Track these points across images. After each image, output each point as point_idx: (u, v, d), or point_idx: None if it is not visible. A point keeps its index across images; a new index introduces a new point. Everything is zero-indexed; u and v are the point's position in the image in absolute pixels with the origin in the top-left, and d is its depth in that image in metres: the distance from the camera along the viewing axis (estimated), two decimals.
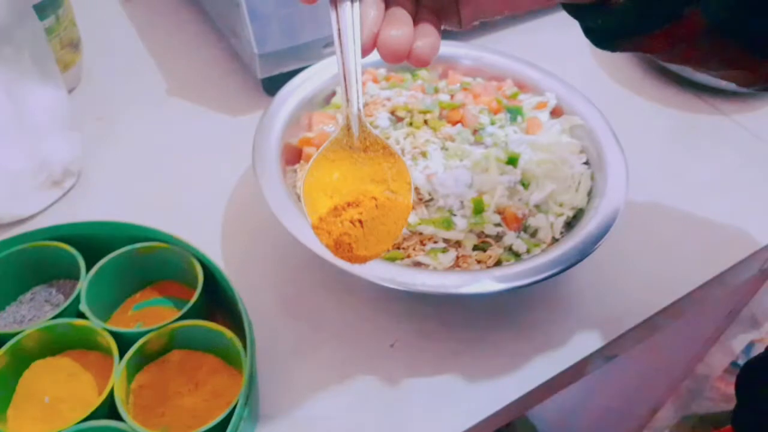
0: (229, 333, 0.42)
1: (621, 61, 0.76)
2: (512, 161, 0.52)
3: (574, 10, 0.35)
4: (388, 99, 0.57)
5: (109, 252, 0.46)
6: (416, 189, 0.50)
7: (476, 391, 0.46)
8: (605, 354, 0.52)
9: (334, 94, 0.59)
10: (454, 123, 0.55)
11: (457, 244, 0.48)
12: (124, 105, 0.66)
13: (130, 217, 0.48)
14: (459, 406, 0.46)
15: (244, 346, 0.41)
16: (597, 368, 0.55)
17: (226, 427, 0.38)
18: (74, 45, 0.67)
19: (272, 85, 0.63)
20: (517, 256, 0.48)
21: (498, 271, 0.45)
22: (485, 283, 0.44)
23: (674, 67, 0.71)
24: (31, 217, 0.56)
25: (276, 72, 0.63)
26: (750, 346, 1.20)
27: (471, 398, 0.46)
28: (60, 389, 0.42)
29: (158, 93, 0.68)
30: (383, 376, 0.47)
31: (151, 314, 0.48)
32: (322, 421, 0.44)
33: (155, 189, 0.59)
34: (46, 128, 0.54)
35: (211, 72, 0.71)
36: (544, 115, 0.57)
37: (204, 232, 0.54)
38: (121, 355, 0.41)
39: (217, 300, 0.47)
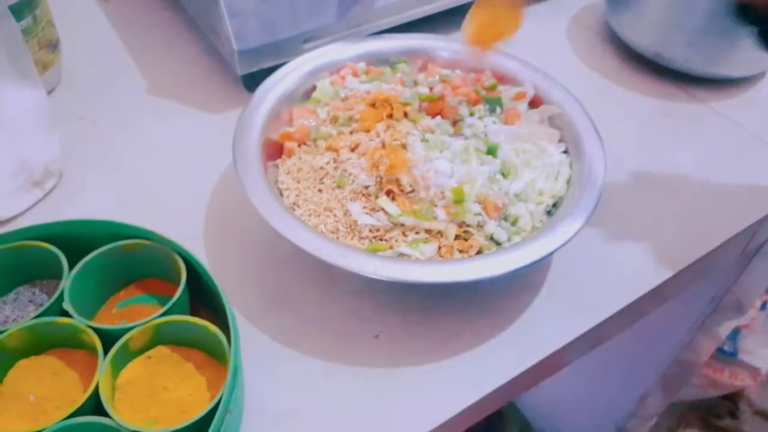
0: (212, 327, 0.42)
1: (598, 50, 0.77)
2: (492, 151, 0.52)
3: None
4: (368, 93, 0.57)
5: (91, 251, 0.46)
6: (397, 181, 0.50)
7: (461, 379, 0.47)
8: (589, 341, 0.53)
9: (314, 88, 0.59)
10: (434, 115, 0.55)
11: (439, 234, 0.48)
12: (104, 105, 0.66)
13: (112, 216, 0.47)
14: (445, 394, 0.46)
15: (228, 341, 0.41)
16: (582, 355, 0.56)
17: (212, 420, 0.38)
18: (53, 45, 0.66)
19: (252, 81, 0.63)
20: (498, 244, 0.48)
21: (480, 260, 0.45)
22: (468, 271, 0.44)
23: (651, 56, 0.72)
24: (13, 218, 0.55)
25: (256, 68, 0.64)
26: (736, 332, 1.21)
27: (456, 386, 0.46)
28: (45, 388, 0.42)
29: (138, 92, 0.68)
30: (369, 366, 0.47)
31: (135, 312, 0.48)
32: (307, 413, 0.45)
33: (137, 188, 0.59)
34: (25, 129, 0.54)
35: (190, 70, 0.71)
36: (522, 106, 0.57)
37: (186, 229, 0.54)
38: (106, 353, 0.41)
39: (200, 296, 0.47)
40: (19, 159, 0.54)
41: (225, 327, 0.42)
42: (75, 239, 0.47)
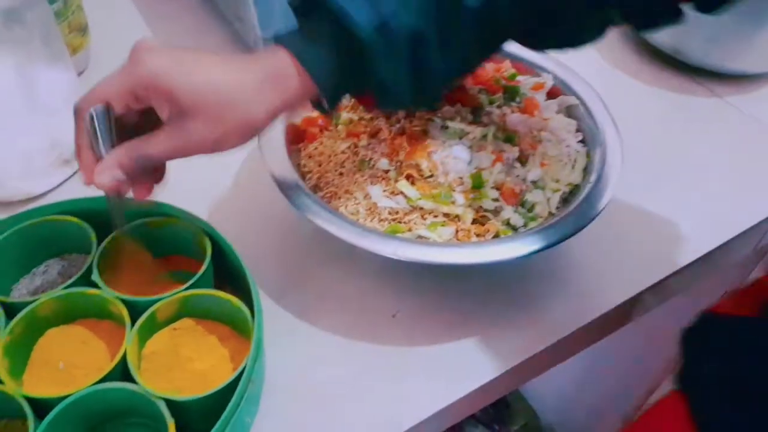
0: (236, 301, 0.44)
1: (617, 45, 0.77)
2: (510, 139, 0.53)
3: None
4: None
5: None
6: (416, 165, 0.51)
7: (475, 360, 0.48)
8: (600, 328, 0.54)
9: None
10: (454, 103, 0.56)
11: (457, 218, 0.50)
12: None
13: None
14: (458, 374, 0.47)
15: (252, 315, 0.43)
16: (592, 343, 0.57)
17: (234, 390, 0.39)
18: (82, 29, 0.68)
19: None
20: (514, 229, 0.50)
21: (496, 244, 0.47)
22: (484, 254, 0.45)
23: (670, 51, 0.72)
24: (43, 194, 0.57)
25: None
26: None
27: (469, 367, 0.48)
28: (74, 356, 0.44)
29: None
30: (385, 345, 0.48)
31: (159, 287, 0.49)
32: (324, 387, 0.46)
33: None
34: (56, 108, 0.56)
35: None
36: (540, 96, 0.58)
37: (210, 209, 0.56)
38: (134, 323, 0.43)
39: (224, 273, 0.48)
40: (50, 137, 0.56)
41: (248, 303, 0.44)
42: (104, 215, 0.48)
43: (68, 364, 0.43)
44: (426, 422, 0.45)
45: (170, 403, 0.39)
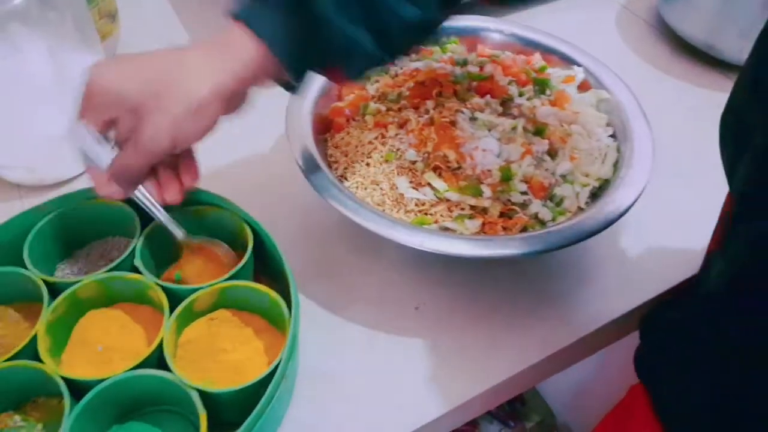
0: (274, 295, 0.43)
1: (647, 39, 0.76)
2: (539, 132, 0.53)
3: None
4: (417, 70, 0.58)
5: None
6: (444, 157, 0.51)
7: (498, 355, 0.48)
8: (624, 325, 0.53)
9: None
10: (483, 94, 0.56)
11: (484, 211, 0.49)
12: None
13: None
14: (480, 368, 0.47)
15: (289, 308, 0.42)
16: (616, 340, 0.56)
17: (267, 384, 0.39)
18: (111, 16, 0.68)
19: None
20: (542, 224, 0.49)
21: (523, 237, 0.46)
22: (511, 247, 0.45)
23: (703, 47, 0.71)
24: (72, 179, 0.58)
25: None
26: None
27: (493, 361, 0.47)
28: (112, 339, 0.44)
29: None
30: (409, 336, 0.48)
31: (197, 274, 0.48)
32: (349, 375, 0.46)
33: None
34: None
35: None
36: (571, 89, 0.58)
37: (238, 197, 0.56)
38: (171, 311, 0.43)
39: (261, 263, 0.48)
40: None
41: (284, 294, 0.43)
42: None
43: (106, 347, 0.43)
44: (448, 415, 0.45)
45: (203, 394, 0.39)
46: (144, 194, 0.44)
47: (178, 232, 0.46)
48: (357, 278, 0.52)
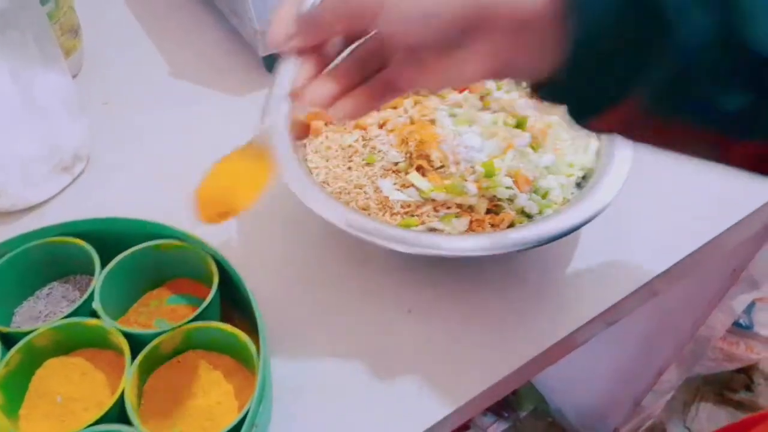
0: (243, 336, 0.41)
1: None
2: (520, 125, 0.52)
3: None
4: None
5: (124, 248, 0.45)
6: (427, 156, 0.50)
7: (492, 354, 0.47)
8: (613, 315, 0.53)
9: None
10: (461, 91, 0.55)
11: (470, 209, 0.49)
12: (126, 90, 0.67)
13: (139, 201, 0.47)
14: (476, 368, 0.46)
15: (258, 349, 0.40)
16: (605, 329, 0.56)
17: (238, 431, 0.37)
18: (74, 31, 0.66)
19: (274, 62, 0.63)
20: (529, 217, 0.49)
21: (511, 233, 0.46)
22: (499, 243, 0.44)
23: None
24: (43, 203, 0.56)
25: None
26: (752, 305, 1.22)
27: (487, 361, 0.47)
28: (73, 388, 0.42)
29: (160, 76, 0.68)
30: (402, 341, 0.48)
31: (167, 311, 0.47)
32: (342, 384, 0.45)
33: (162, 171, 0.59)
34: (54, 113, 0.54)
35: (212, 53, 0.71)
36: None
37: None
38: (135, 355, 0.40)
39: (231, 298, 0.46)
40: (49, 143, 0.54)
41: (254, 329, 0.41)
42: (108, 236, 0.46)
43: (68, 398, 0.41)
44: (450, 417, 0.45)
45: None
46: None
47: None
48: (346, 286, 0.51)
